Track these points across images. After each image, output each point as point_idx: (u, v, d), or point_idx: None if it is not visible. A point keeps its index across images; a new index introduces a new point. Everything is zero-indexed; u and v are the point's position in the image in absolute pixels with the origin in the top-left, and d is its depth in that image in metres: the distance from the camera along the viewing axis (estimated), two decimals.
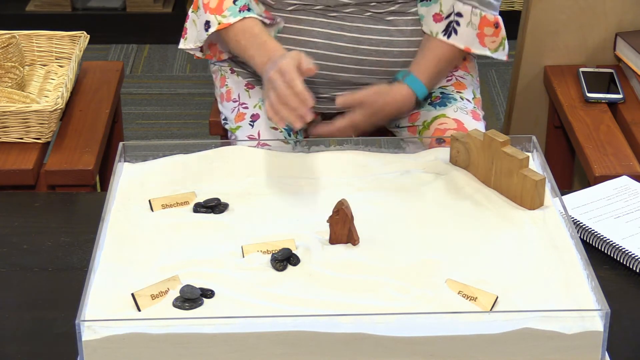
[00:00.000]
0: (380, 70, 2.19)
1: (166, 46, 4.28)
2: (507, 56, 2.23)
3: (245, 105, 2.24)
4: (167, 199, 1.69)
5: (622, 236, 1.71)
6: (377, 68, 2.18)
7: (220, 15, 2.10)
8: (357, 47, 2.16)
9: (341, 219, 1.55)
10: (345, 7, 2.14)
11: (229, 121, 2.26)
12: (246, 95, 2.26)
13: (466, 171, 1.76)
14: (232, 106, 2.26)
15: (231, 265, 1.52)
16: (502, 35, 2.19)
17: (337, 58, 2.17)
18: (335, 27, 2.15)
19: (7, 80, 2.39)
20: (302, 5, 2.15)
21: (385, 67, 2.19)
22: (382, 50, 2.17)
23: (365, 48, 2.16)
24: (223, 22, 2.09)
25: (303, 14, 2.16)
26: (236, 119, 2.22)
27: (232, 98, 2.27)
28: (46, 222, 1.81)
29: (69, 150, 2.26)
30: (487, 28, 2.16)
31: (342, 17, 2.15)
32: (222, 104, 2.30)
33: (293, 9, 2.16)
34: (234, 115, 2.24)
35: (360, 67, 2.17)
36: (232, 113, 2.25)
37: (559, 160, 2.70)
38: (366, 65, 2.17)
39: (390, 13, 2.17)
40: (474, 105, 2.23)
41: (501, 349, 1.40)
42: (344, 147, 1.86)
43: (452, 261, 1.54)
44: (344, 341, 1.39)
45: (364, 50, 2.16)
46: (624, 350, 1.50)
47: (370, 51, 2.16)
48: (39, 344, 1.51)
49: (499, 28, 2.18)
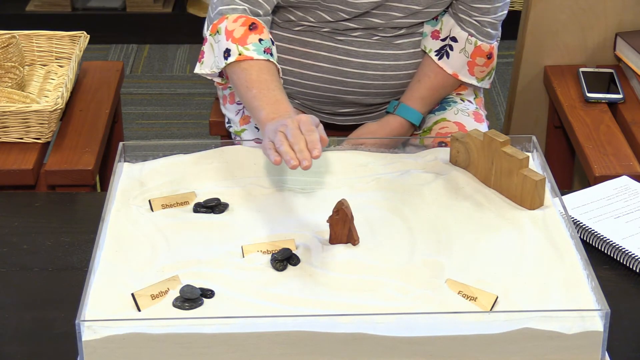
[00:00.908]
0: (386, 92, 2.18)
1: (166, 46, 4.28)
2: (490, 84, 2.22)
3: None
4: (167, 199, 1.69)
5: (622, 236, 1.71)
6: (383, 90, 2.17)
7: (243, 47, 1.91)
8: (364, 72, 2.14)
9: (341, 219, 1.56)
10: (354, 30, 2.11)
11: (233, 124, 2.25)
12: None
13: (466, 171, 1.76)
14: (236, 108, 2.26)
15: (231, 265, 1.53)
16: (492, 66, 2.19)
17: (343, 82, 2.15)
18: (342, 52, 2.12)
19: (7, 80, 2.39)
20: (310, 26, 2.12)
21: (391, 89, 2.17)
22: (388, 74, 2.15)
23: (372, 73, 2.14)
24: (245, 54, 1.90)
25: (310, 36, 2.13)
26: (241, 121, 2.22)
27: (236, 100, 2.27)
28: (46, 222, 1.81)
29: (69, 150, 2.26)
30: (479, 58, 2.15)
31: (349, 41, 2.12)
32: (225, 106, 2.30)
33: (300, 29, 2.13)
34: (239, 118, 2.23)
35: (366, 90, 2.16)
36: (237, 116, 2.24)
37: (559, 160, 2.70)
38: (372, 88, 2.16)
39: (398, 36, 2.15)
40: (476, 106, 2.23)
41: (501, 349, 1.40)
42: (344, 147, 1.86)
43: (452, 261, 1.54)
44: (343, 341, 1.39)
45: (370, 75, 2.14)
46: (624, 350, 1.50)
47: (376, 76, 2.14)
48: (39, 344, 1.51)
49: (492, 59, 2.17)
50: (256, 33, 1.92)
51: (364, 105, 2.19)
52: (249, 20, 1.94)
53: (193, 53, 4.18)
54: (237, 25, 1.93)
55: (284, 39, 2.14)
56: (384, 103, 2.21)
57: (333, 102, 2.18)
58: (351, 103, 2.19)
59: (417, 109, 2.14)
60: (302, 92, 2.18)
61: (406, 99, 2.15)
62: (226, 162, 1.79)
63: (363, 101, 2.18)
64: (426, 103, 2.16)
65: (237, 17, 1.94)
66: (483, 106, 2.27)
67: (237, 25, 1.93)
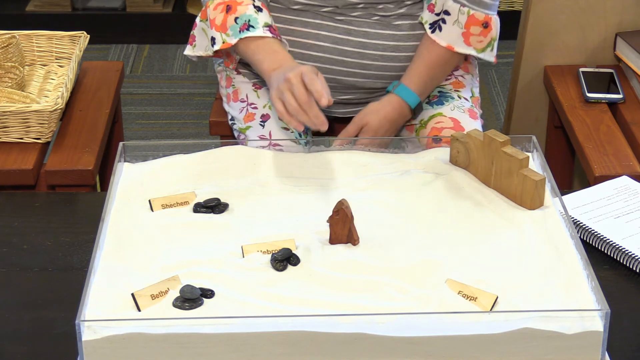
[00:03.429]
0: (387, 74, 2.18)
1: (166, 46, 4.28)
2: (495, 58, 2.20)
3: (255, 106, 2.23)
4: (167, 199, 1.69)
5: (622, 236, 1.71)
6: (383, 72, 2.18)
7: (225, 34, 2.11)
8: (364, 52, 2.15)
9: (341, 219, 1.56)
10: (353, 10, 2.13)
11: (237, 121, 2.25)
12: (254, 95, 2.25)
13: (466, 171, 1.76)
14: (240, 106, 2.26)
15: (231, 265, 1.52)
16: (491, 36, 2.16)
17: (343, 62, 2.16)
18: (342, 31, 2.14)
19: (7, 80, 2.39)
20: (309, 5, 2.14)
21: (391, 72, 2.18)
22: (388, 55, 2.17)
23: (372, 53, 2.16)
24: (227, 41, 2.10)
25: (309, 16, 2.15)
26: (245, 119, 2.22)
27: (239, 98, 2.27)
28: (46, 222, 1.81)
29: (69, 150, 2.26)
30: (474, 27, 2.13)
31: (349, 21, 2.14)
32: (229, 104, 2.30)
33: (299, 8, 2.15)
34: (243, 116, 2.23)
35: (366, 71, 2.17)
36: (241, 113, 2.25)
37: (559, 160, 2.70)
38: (372, 69, 2.17)
39: (398, 17, 2.16)
40: (471, 104, 2.23)
41: (501, 349, 1.40)
42: (344, 147, 1.86)
43: (452, 261, 1.54)
44: (343, 341, 1.39)
45: (370, 55, 2.16)
46: (624, 350, 1.50)
47: (376, 56, 2.16)
48: (39, 344, 1.51)
49: (489, 28, 2.15)
50: (231, 13, 2.10)
51: (364, 90, 2.20)
52: (224, 3, 2.11)
53: None
54: (217, 12, 2.13)
55: (285, 20, 2.16)
56: (383, 88, 2.21)
57: (334, 86, 2.19)
58: (352, 87, 2.20)
59: (414, 89, 2.14)
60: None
61: (405, 78, 2.16)
62: (226, 162, 1.79)
63: (363, 85, 2.19)
64: (423, 81, 2.16)
65: (217, 5, 2.13)
66: (479, 105, 2.27)
67: (217, 13, 2.13)
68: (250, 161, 1.80)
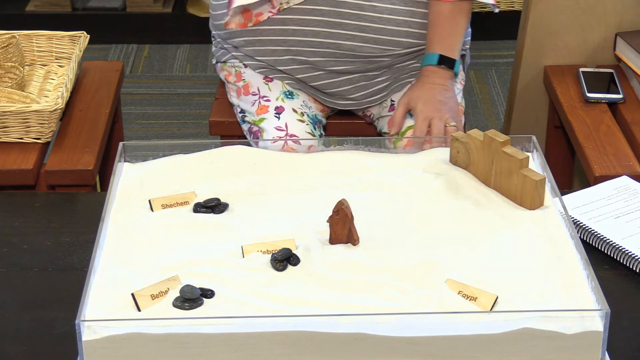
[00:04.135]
0: (383, 39, 2.22)
1: (166, 46, 4.28)
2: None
3: (267, 98, 2.28)
4: (167, 199, 1.69)
5: (622, 236, 1.71)
6: (380, 36, 2.22)
7: None
8: (360, 13, 2.20)
9: (341, 219, 1.55)
10: None
11: (249, 114, 2.29)
12: (266, 88, 2.30)
13: (466, 171, 1.76)
14: (252, 99, 2.30)
15: (231, 265, 1.52)
16: None
17: (340, 24, 2.20)
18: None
19: (7, 80, 2.39)
20: None
21: (388, 36, 2.22)
22: (385, 17, 2.21)
23: (368, 15, 2.21)
24: None
25: None
26: (258, 111, 2.27)
27: (251, 91, 2.31)
28: (46, 222, 1.81)
29: (69, 150, 2.26)
30: None
31: None
32: (240, 98, 2.34)
33: None
34: (255, 108, 2.28)
35: (363, 34, 2.21)
36: (253, 106, 2.29)
37: (559, 160, 2.70)
38: (369, 32, 2.21)
39: None
40: None
41: (501, 349, 1.40)
42: (344, 147, 1.86)
43: (452, 261, 1.54)
44: (343, 341, 1.39)
45: (367, 17, 2.21)
46: (624, 350, 1.50)
47: (373, 18, 2.21)
48: (39, 344, 1.51)
49: None
50: None
51: (363, 58, 2.23)
52: None
53: (193, 53, 4.18)
54: None
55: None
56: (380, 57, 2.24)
57: (333, 52, 2.24)
58: (350, 52, 2.23)
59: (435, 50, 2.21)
60: (302, 42, 2.24)
61: (426, 48, 2.24)
62: (226, 162, 1.79)
63: (361, 50, 2.23)
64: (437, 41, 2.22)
65: None
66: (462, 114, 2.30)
67: None
68: (250, 161, 1.80)
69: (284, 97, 2.27)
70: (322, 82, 2.31)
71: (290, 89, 2.32)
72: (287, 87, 2.32)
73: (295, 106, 2.30)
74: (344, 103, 2.36)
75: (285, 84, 2.32)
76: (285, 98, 2.26)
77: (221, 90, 2.54)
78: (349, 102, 2.36)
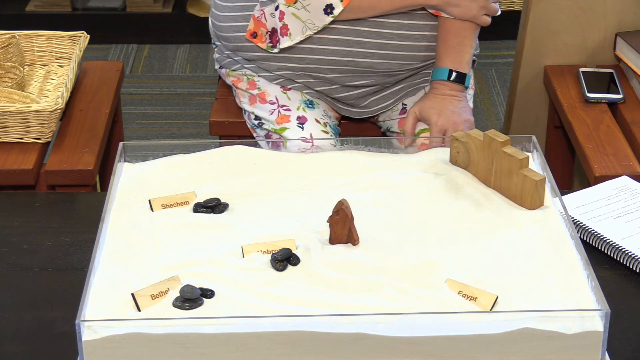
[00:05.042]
0: (402, 54, 2.22)
1: (166, 46, 4.28)
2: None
3: (287, 108, 2.28)
4: (167, 199, 1.69)
5: (622, 236, 1.71)
6: (399, 52, 2.22)
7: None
8: (380, 31, 2.20)
9: (341, 219, 1.55)
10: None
11: (268, 122, 2.29)
12: (284, 97, 2.30)
13: (466, 171, 1.76)
14: (270, 108, 2.30)
15: (231, 265, 1.52)
16: None
17: (359, 43, 2.20)
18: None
19: (7, 80, 2.39)
20: None
21: (406, 52, 2.22)
22: (404, 34, 2.21)
23: (388, 32, 2.20)
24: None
25: None
26: (278, 120, 2.27)
27: (268, 100, 2.30)
28: (46, 222, 1.81)
29: (69, 150, 2.26)
30: None
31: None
32: (255, 105, 2.33)
33: None
34: (275, 117, 2.28)
35: (382, 51, 2.21)
36: (272, 115, 2.29)
37: (559, 160, 2.70)
38: (389, 49, 2.21)
39: None
40: None
41: (501, 349, 1.40)
42: (344, 147, 1.86)
43: (452, 261, 1.54)
44: (343, 341, 1.39)
45: (386, 35, 2.20)
46: (624, 350, 1.50)
47: (392, 35, 2.21)
48: (39, 344, 1.51)
49: None
50: None
51: (381, 73, 2.25)
52: None
53: (193, 53, 4.18)
54: None
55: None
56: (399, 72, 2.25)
57: (351, 69, 2.24)
58: (369, 69, 2.24)
59: (443, 64, 2.22)
60: (320, 60, 2.24)
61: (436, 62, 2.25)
62: (226, 162, 1.79)
63: (380, 66, 2.24)
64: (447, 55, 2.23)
65: None
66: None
67: None
68: (250, 161, 1.80)
69: (304, 106, 2.27)
70: (339, 95, 2.31)
71: (310, 98, 2.32)
72: (307, 97, 2.32)
73: (317, 116, 2.29)
74: (359, 111, 2.37)
75: (304, 93, 2.32)
76: (306, 108, 2.27)
77: (221, 90, 2.53)
78: (364, 111, 2.37)
